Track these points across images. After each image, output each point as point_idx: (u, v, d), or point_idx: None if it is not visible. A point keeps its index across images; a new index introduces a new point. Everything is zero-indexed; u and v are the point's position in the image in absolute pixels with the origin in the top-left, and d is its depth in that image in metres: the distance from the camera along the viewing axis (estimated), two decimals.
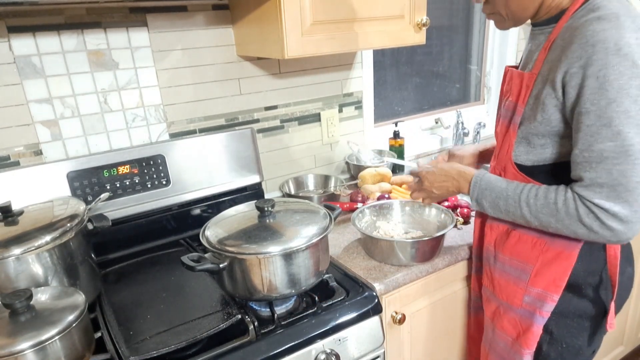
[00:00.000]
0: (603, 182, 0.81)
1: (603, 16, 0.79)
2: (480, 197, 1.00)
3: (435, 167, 1.12)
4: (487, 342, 1.16)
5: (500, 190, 0.97)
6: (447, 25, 2.12)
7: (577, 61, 0.80)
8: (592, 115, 0.80)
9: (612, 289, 0.98)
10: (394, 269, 1.14)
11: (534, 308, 1.00)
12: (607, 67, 0.77)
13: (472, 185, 1.01)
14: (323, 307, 1.03)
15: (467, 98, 2.31)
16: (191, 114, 1.43)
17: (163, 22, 1.31)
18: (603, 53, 0.77)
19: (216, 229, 1.02)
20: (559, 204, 0.88)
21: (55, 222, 1.00)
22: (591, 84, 0.79)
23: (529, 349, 1.03)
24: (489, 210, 0.99)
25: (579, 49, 0.80)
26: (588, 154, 0.82)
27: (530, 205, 0.92)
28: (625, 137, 0.78)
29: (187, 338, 0.92)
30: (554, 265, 0.96)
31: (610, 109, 0.78)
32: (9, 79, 1.16)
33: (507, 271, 1.05)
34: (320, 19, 1.20)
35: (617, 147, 0.79)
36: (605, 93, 0.78)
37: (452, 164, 1.12)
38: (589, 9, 0.84)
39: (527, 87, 0.93)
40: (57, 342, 0.79)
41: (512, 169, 0.98)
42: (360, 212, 1.30)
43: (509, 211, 0.95)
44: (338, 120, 1.72)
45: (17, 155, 1.21)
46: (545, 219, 0.90)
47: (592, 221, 0.84)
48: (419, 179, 1.15)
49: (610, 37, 0.77)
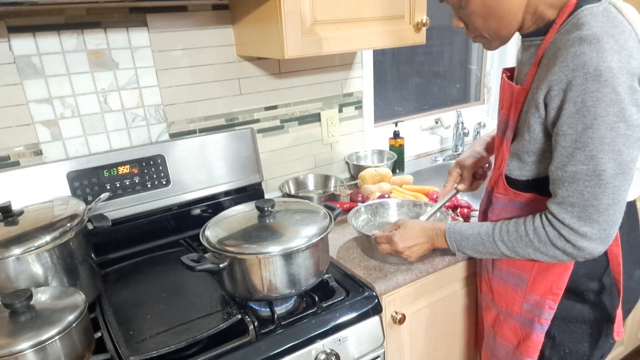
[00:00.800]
0: (574, 201, 0.82)
1: (584, 37, 0.77)
2: (461, 248, 1.02)
3: (398, 234, 1.07)
4: (488, 349, 1.16)
5: (474, 236, 0.98)
6: (447, 25, 2.12)
7: (558, 84, 0.79)
8: (569, 138, 0.80)
9: (618, 295, 0.97)
10: (394, 269, 1.14)
11: (532, 315, 1.00)
12: (585, 93, 0.76)
13: (448, 240, 1.03)
14: (323, 307, 1.03)
15: (467, 98, 2.31)
16: (191, 114, 1.43)
17: (163, 22, 1.31)
18: (582, 78, 0.76)
19: (216, 229, 1.02)
20: (530, 234, 0.90)
21: (55, 222, 1.00)
22: (569, 108, 0.78)
23: (530, 356, 1.03)
24: (475, 255, 1.02)
25: (559, 72, 0.79)
26: (561, 172, 0.83)
27: (505, 242, 0.93)
28: (598, 162, 0.78)
29: (187, 338, 0.92)
30: (550, 272, 0.96)
31: (586, 134, 0.78)
32: (9, 79, 1.16)
33: (505, 279, 1.05)
34: (320, 19, 1.20)
35: (590, 170, 0.79)
36: (582, 119, 0.77)
37: (413, 225, 1.08)
38: (573, 23, 0.82)
39: (518, 102, 0.92)
40: (57, 342, 0.79)
41: (502, 184, 0.98)
42: (357, 211, 1.30)
43: (490, 252, 0.97)
44: (338, 120, 1.72)
45: (17, 155, 1.21)
46: (523, 251, 0.92)
47: (564, 244, 0.86)
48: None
49: (590, 62, 0.75)
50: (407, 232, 1.07)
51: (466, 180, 1.21)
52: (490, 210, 1.06)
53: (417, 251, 1.08)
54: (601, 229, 0.82)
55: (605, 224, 0.82)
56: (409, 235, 1.07)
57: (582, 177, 0.80)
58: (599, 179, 0.79)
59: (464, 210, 1.38)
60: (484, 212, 1.10)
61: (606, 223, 0.82)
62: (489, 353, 1.16)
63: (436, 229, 1.06)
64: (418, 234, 1.07)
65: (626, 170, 0.80)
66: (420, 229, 1.07)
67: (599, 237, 0.83)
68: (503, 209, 1.01)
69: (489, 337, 1.15)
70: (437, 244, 1.06)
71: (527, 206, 0.96)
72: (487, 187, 1.09)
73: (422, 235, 1.07)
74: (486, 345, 1.18)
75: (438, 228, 1.05)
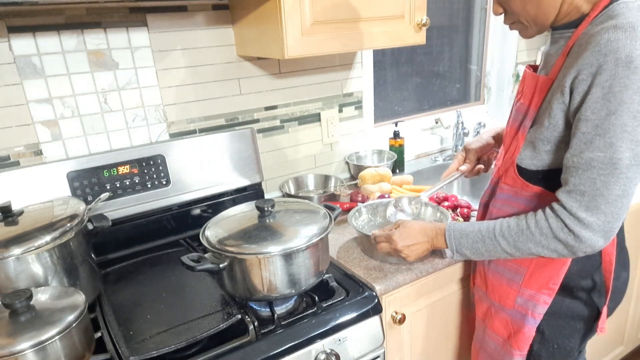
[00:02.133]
0: (585, 190, 0.82)
1: (619, 25, 0.78)
2: (459, 247, 1.01)
3: (397, 233, 1.08)
4: (477, 342, 1.17)
5: (474, 234, 0.98)
6: (447, 25, 2.12)
7: (588, 68, 0.79)
8: (590, 124, 0.80)
9: (606, 294, 0.99)
10: (394, 269, 1.14)
11: (525, 310, 1.01)
12: (614, 78, 0.76)
13: (448, 239, 1.02)
14: (323, 307, 1.03)
15: (467, 98, 2.31)
16: (191, 114, 1.43)
17: (163, 22, 1.31)
18: (613, 63, 0.76)
19: (216, 229, 1.02)
20: (532, 227, 0.90)
21: (55, 222, 1.00)
22: (596, 92, 0.79)
23: (520, 350, 1.03)
24: (472, 256, 1.01)
25: (590, 56, 0.79)
26: (577, 159, 0.83)
27: (506, 238, 0.93)
28: (617, 149, 0.79)
29: (187, 338, 0.92)
30: (548, 267, 0.97)
31: (608, 120, 0.78)
32: (9, 79, 1.16)
33: (501, 272, 1.05)
34: (321, 19, 1.20)
35: (606, 158, 0.80)
36: (607, 104, 0.78)
37: (413, 225, 1.09)
38: (608, 15, 0.83)
39: (541, 91, 0.92)
40: (57, 342, 0.79)
41: (512, 173, 0.98)
42: (357, 211, 1.30)
43: (490, 250, 0.97)
44: (338, 120, 1.72)
45: (17, 155, 1.21)
46: (524, 246, 0.92)
47: (566, 235, 0.86)
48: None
49: (623, 48, 0.76)
50: (406, 232, 1.07)
51: (471, 162, 1.21)
52: (492, 203, 1.06)
53: (416, 251, 1.08)
54: (606, 221, 0.82)
55: (611, 216, 0.82)
56: (408, 234, 1.07)
57: (597, 164, 0.80)
58: (614, 167, 0.79)
59: (463, 210, 1.38)
60: (485, 204, 1.10)
61: (612, 215, 0.82)
62: (477, 346, 1.17)
63: (436, 229, 1.06)
64: (417, 234, 1.07)
65: None
66: (420, 229, 1.07)
67: (603, 229, 0.83)
68: (505, 202, 1.02)
69: (478, 331, 1.16)
70: (436, 244, 1.06)
71: (531, 201, 0.96)
72: (493, 177, 1.08)
73: (422, 235, 1.07)
74: (475, 338, 1.18)
75: (438, 228, 1.05)
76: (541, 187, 0.94)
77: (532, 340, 1.02)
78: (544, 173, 0.93)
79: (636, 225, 1.57)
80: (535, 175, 0.95)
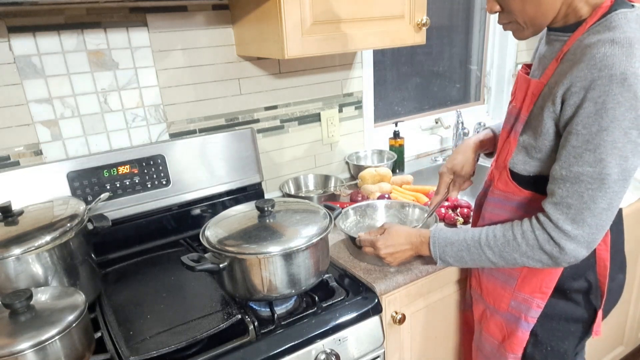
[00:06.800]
0: (572, 203, 0.82)
1: (617, 40, 0.77)
2: (443, 255, 1.01)
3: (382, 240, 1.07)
4: (475, 343, 1.18)
5: (459, 242, 0.98)
6: (447, 25, 2.12)
7: (581, 81, 0.78)
8: (581, 138, 0.80)
9: (601, 297, 0.99)
10: (394, 269, 1.14)
11: (519, 313, 1.01)
12: (607, 94, 0.76)
13: (432, 246, 1.02)
14: (323, 307, 1.03)
15: (467, 98, 2.31)
16: (191, 114, 1.43)
17: (163, 22, 1.31)
18: (607, 79, 0.76)
19: (216, 229, 1.02)
20: (518, 238, 0.90)
21: (55, 222, 1.00)
22: (588, 107, 0.78)
23: (514, 353, 1.04)
24: (455, 264, 1.01)
25: (585, 69, 0.78)
26: (566, 172, 0.83)
27: (492, 247, 0.93)
28: (606, 165, 0.79)
29: (187, 338, 0.92)
30: (541, 271, 0.96)
31: (599, 136, 0.78)
32: (9, 79, 1.16)
33: (495, 275, 1.05)
34: (321, 19, 1.20)
35: (595, 173, 0.80)
36: (599, 120, 0.77)
37: (398, 231, 1.08)
38: (605, 25, 0.81)
39: (533, 95, 0.91)
40: (57, 342, 0.79)
41: (505, 177, 0.98)
42: (345, 213, 1.30)
43: (474, 259, 0.97)
44: (338, 120, 1.72)
45: (17, 155, 1.21)
46: (509, 256, 0.92)
47: (551, 247, 0.86)
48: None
49: (618, 64, 0.75)
50: (391, 239, 1.07)
51: (458, 188, 1.21)
52: (484, 206, 1.07)
53: (399, 258, 1.07)
54: (590, 232, 0.83)
55: (595, 228, 0.83)
56: (393, 242, 1.06)
57: (586, 178, 0.80)
58: (602, 182, 0.79)
59: (463, 210, 1.38)
60: (480, 205, 1.10)
61: (596, 227, 0.83)
62: (475, 347, 1.17)
63: (421, 236, 1.05)
64: (402, 241, 1.06)
65: (627, 177, 0.80)
66: (405, 236, 1.07)
67: (586, 240, 0.84)
68: (496, 205, 1.01)
69: (476, 332, 1.16)
70: (421, 251, 1.06)
71: (522, 206, 0.96)
72: (486, 180, 1.08)
73: (406, 242, 1.06)
74: (474, 339, 1.19)
75: (423, 235, 1.05)
76: (533, 191, 0.94)
77: (526, 343, 1.02)
78: (536, 178, 0.93)
79: (635, 227, 1.58)
80: (528, 180, 0.94)
